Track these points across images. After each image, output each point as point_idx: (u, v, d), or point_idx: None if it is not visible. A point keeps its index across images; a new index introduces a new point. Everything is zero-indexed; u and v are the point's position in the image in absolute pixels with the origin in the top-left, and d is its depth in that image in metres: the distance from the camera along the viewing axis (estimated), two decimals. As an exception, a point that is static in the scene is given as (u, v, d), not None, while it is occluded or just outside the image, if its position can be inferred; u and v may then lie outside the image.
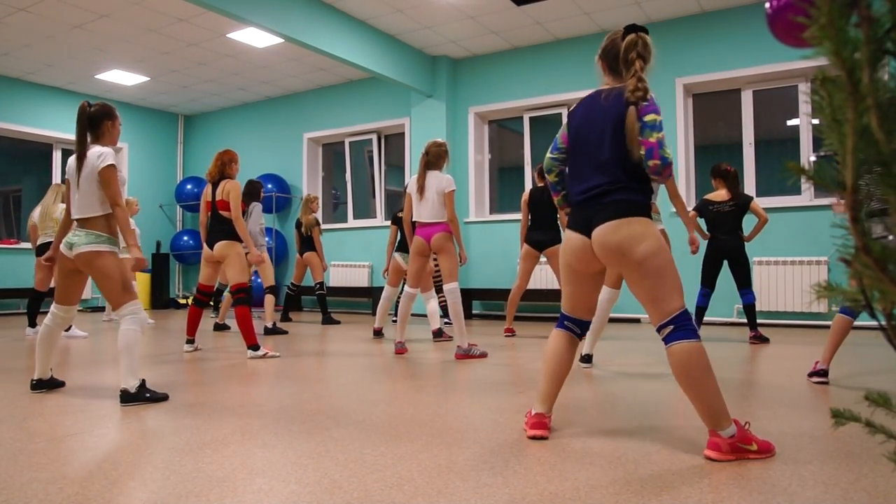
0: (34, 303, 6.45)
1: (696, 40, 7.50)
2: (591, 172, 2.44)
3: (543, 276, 8.14)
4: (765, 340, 5.60)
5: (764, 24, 7.45)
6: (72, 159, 3.43)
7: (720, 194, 5.63)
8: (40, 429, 2.76)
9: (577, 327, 2.63)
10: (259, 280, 9.28)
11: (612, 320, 7.48)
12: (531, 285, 7.95)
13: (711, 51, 7.42)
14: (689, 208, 6.29)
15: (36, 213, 6.53)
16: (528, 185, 8.58)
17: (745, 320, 6.46)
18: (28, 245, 9.65)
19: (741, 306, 5.80)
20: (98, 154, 3.33)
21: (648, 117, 2.33)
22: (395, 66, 8.25)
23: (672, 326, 2.29)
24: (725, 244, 5.54)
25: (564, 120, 2.68)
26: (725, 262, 5.67)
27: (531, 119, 8.81)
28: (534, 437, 2.51)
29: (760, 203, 6.13)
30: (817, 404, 3.15)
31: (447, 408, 3.12)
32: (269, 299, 6.68)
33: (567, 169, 2.64)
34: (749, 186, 7.40)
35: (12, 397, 3.43)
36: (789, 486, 1.95)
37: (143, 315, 3.36)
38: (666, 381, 3.80)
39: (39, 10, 7.32)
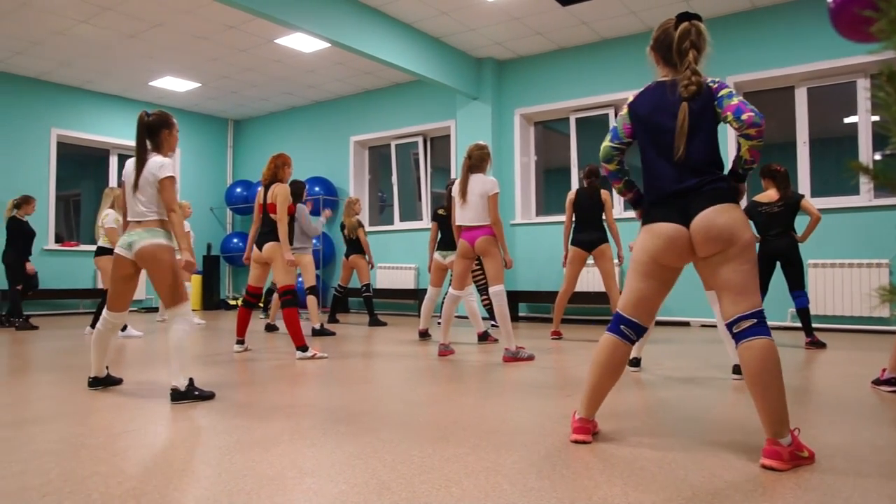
0: (104, 302, 6.64)
1: (747, 37, 7.32)
2: (678, 168, 2.36)
3: (591, 279, 8.05)
4: (821, 346, 5.42)
5: (818, 19, 7.19)
6: (129, 164, 3.53)
7: (769, 195, 5.49)
8: (99, 424, 2.85)
9: (634, 332, 2.50)
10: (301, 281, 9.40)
11: (660, 323, 7.35)
12: (578, 287, 7.87)
13: (763, 48, 7.24)
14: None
15: (111, 217, 6.65)
16: (575, 187, 8.49)
17: (799, 325, 6.27)
18: (86, 247, 10.00)
19: (795, 310, 5.63)
20: (159, 164, 3.44)
21: (724, 91, 2.31)
22: (440, 68, 8.27)
23: (754, 320, 2.21)
24: (777, 245, 5.39)
25: (622, 112, 2.57)
26: (778, 265, 5.51)
27: (577, 120, 8.73)
28: (576, 442, 2.48)
29: (816, 204, 5.95)
30: (880, 414, 3.03)
31: (493, 410, 3.11)
32: (312, 300, 6.76)
33: (643, 164, 2.52)
34: (803, 186, 7.18)
35: (73, 394, 3.55)
36: (850, 497, 1.88)
37: (192, 317, 3.44)
38: (717, 387, 3.71)
39: (98, 22, 7.57)
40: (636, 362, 4.26)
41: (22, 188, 9.10)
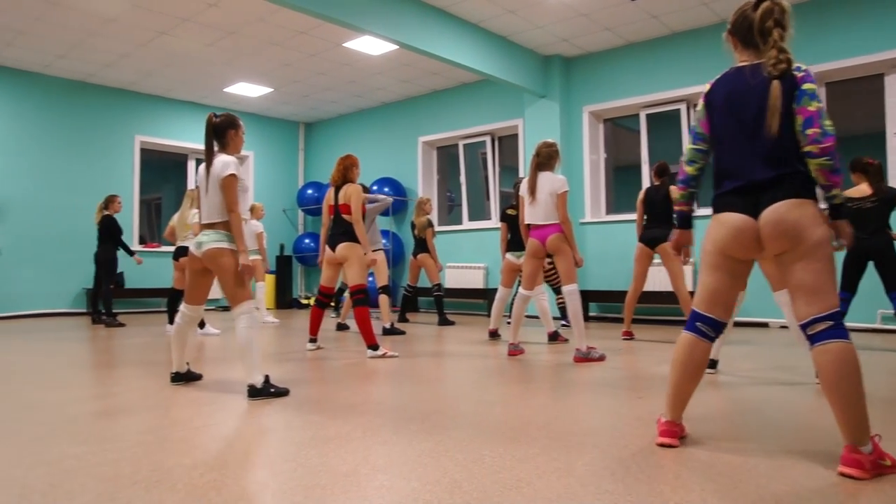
0: (173, 301, 6.96)
1: (829, 23, 6.98)
2: (754, 157, 2.26)
3: (661, 278, 7.86)
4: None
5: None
6: (202, 167, 3.67)
7: (861, 189, 5.21)
8: (181, 418, 2.97)
9: (711, 329, 2.39)
10: (373, 280, 9.54)
11: (738, 324, 7.10)
12: (648, 287, 7.69)
13: (848, 34, 6.89)
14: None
15: (175, 218, 7.04)
16: (646, 185, 8.31)
17: (892, 327, 5.94)
18: (167, 248, 10.44)
19: (887, 312, 5.33)
20: (222, 163, 3.55)
21: (808, 86, 2.18)
22: (507, 67, 8.24)
23: (830, 322, 2.10)
24: (869, 244, 5.10)
25: (699, 106, 2.48)
26: (871, 264, 5.22)
27: (648, 116, 8.54)
28: (662, 445, 2.42)
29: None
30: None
31: (565, 411, 3.07)
32: (384, 299, 6.85)
33: (716, 154, 2.42)
34: (892, 179, 6.80)
35: (157, 388, 3.71)
36: (949, 508, 1.78)
37: (257, 314, 3.52)
38: (799, 391, 3.56)
39: (177, 33, 7.90)
40: (713, 364, 4.13)
41: (109, 193, 9.59)
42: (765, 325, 7.26)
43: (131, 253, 8.10)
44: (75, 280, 9.57)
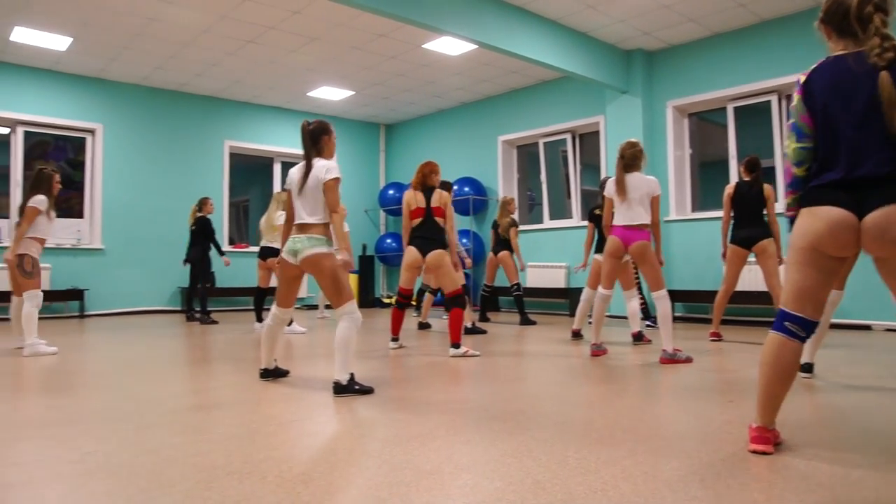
0: (259, 299, 7.21)
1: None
2: (861, 150, 2.12)
3: (752, 278, 7.54)
4: None
5: None
6: (294, 170, 3.78)
7: None
8: (270, 413, 3.07)
9: (802, 329, 2.26)
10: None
11: (836, 326, 6.72)
12: (738, 286, 7.39)
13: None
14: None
15: (262, 220, 7.29)
16: (734, 180, 8.00)
17: None
18: (255, 249, 10.83)
19: None
20: (325, 167, 3.66)
21: None
22: (587, 63, 8.11)
23: None
24: None
25: (794, 101, 2.32)
26: None
27: (736, 109, 8.21)
28: (754, 452, 2.31)
29: None
30: None
31: (651, 414, 3.00)
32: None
33: (818, 146, 2.27)
34: None
35: (247, 384, 3.85)
36: None
37: (358, 315, 3.61)
38: (907, 397, 3.35)
39: (264, 41, 8.18)
40: (808, 368, 3.93)
41: (201, 196, 10.04)
42: (867, 327, 6.85)
43: (222, 253, 8.46)
44: (171, 279, 10.07)
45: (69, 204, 9.57)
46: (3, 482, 2.05)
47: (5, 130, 9.23)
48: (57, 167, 9.43)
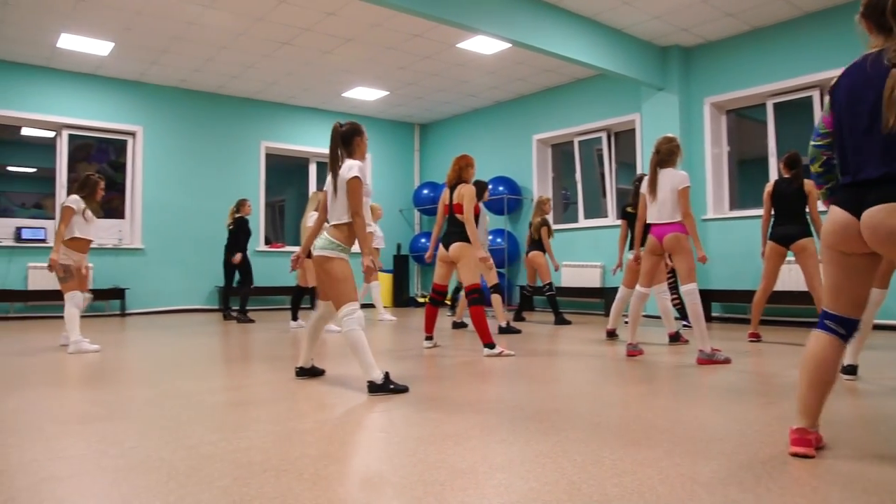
0: (297, 298, 7.30)
1: None
2: (866, 153, 2.11)
3: (791, 277, 7.37)
4: None
5: None
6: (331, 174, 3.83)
7: None
8: (306, 410, 3.11)
9: (842, 327, 2.25)
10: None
11: (882, 327, 6.54)
12: (778, 286, 7.24)
13: None
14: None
15: (302, 220, 7.39)
16: (773, 178, 7.84)
17: None
18: (290, 248, 10.97)
19: None
20: (348, 167, 3.69)
21: None
22: (623, 60, 8.03)
23: None
24: None
25: (825, 100, 2.32)
26: None
27: (775, 105, 8.04)
28: (796, 455, 2.27)
29: None
30: None
31: (688, 415, 2.96)
32: (497, 298, 6.86)
33: (834, 155, 2.32)
34: None
35: (283, 382, 3.90)
36: None
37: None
38: (956, 400, 3.24)
39: (299, 42, 8.27)
40: (852, 369, 3.83)
41: (238, 197, 10.19)
42: (913, 328, 6.65)
43: (244, 252, 8.54)
44: (208, 279, 10.24)
45: (111, 205, 9.81)
46: (50, 475, 2.11)
47: (51, 134, 9.50)
48: (99, 169, 9.72)
